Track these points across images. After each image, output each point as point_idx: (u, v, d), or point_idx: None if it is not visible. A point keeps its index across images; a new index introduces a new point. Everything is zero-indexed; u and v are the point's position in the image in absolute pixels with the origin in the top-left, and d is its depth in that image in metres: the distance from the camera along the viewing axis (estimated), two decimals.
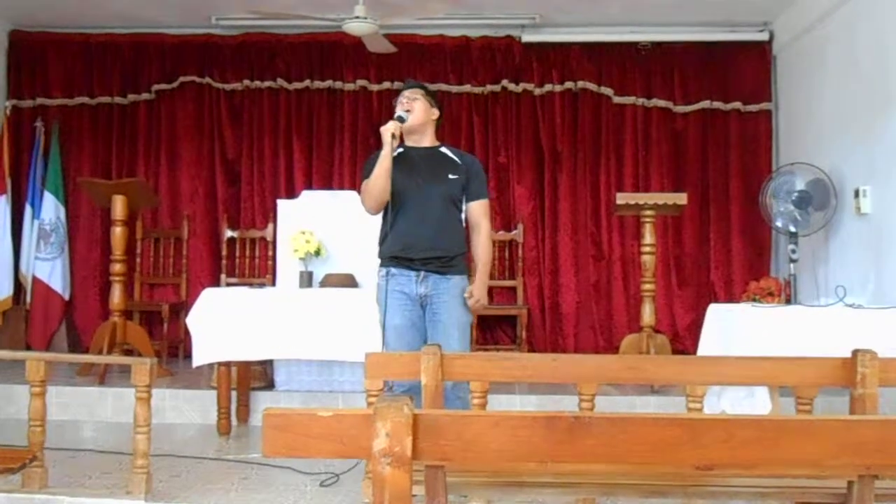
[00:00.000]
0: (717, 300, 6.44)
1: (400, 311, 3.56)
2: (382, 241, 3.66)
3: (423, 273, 3.57)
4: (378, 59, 6.77)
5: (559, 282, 6.86)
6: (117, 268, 5.49)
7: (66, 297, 6.80)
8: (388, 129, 3.54)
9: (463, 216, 3.70)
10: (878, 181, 5.23)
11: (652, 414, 1.38)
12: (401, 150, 3.65)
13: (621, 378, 3.03)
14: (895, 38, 5.02)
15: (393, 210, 3.58)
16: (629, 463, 1.39)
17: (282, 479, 3.86)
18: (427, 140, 3.73)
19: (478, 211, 3.69)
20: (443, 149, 3.76)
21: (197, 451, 4.34)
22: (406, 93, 3.71)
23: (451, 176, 3.63)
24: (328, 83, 7.00)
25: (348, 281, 5.07)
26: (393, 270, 3.58)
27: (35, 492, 3.36)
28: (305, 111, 7.05)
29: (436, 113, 3.75)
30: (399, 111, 3.64)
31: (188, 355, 5.30)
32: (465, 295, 3.61)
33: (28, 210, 6.76)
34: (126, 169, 6.98)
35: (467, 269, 3.71)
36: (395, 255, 3.59)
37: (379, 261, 3.69)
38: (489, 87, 6.96)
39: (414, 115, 3.63)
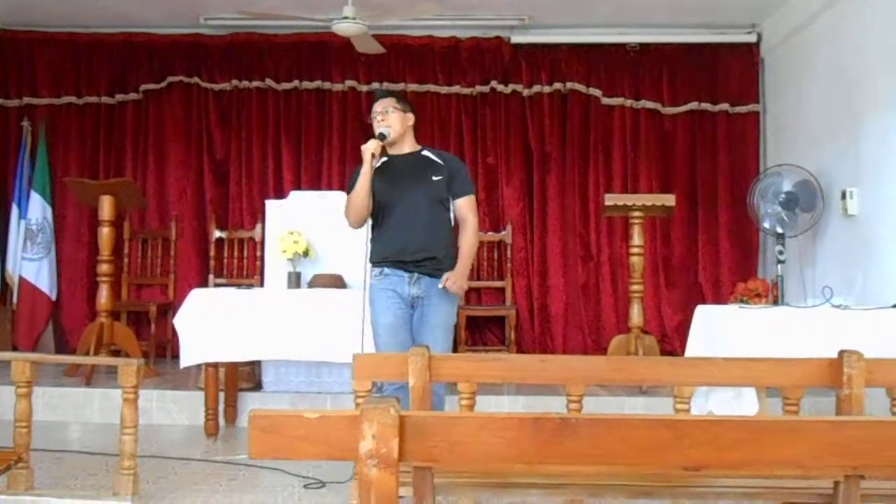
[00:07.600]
0: (704, 301, 6.46)
1: (391, 309, 3.60)
2: (373, 248, 3.71)
3: (416, 275, 3.63)
4: (367, 60, 6.77)
5: (548, 283, 6.86)
6: (104, 268, 5.46)
7: (53, 297, 6.75)
8: (367, 149, 3.60)
9: (451, 215, 3.75)
10: (864, 183, 5.26)
11: (639, 415, 1.38)
12: (385, 159, 3.73)
13: (609, 379, 3.04)
14: (881, 41, 5.06)
15: (382, 217, 3.66)
16: (616, 464, 1.39)
17: (269, 480, 3.85)
18: (408, 146, 3.79)
19: (464, 207, 3.74)
20: (424, 152, 3.81)
21: (184, 453, 4.32)
22: (377, 108, 3.75)
23: (434, 178, 3.69)
24: (317, 84, 6.99)
25: (336, 282, 5.06)
26: (386, 270, 3.64)
27: (20, 493, 3.33)
28: (294, 112, 7.03)
29: (411, 118, 3.81)
30: (380, 128, 3.69)
31: (176, 356, 5.29)
32: (443, 279, 3.58)
33: (14, 210, 6.72)
34: (114, 169, 6.95)
35: None
36: (387, 258, 3.64)
37: (370, 265, 3.72)
38: (478, 88, 6.96)
39: (393, 130, 3.70)
